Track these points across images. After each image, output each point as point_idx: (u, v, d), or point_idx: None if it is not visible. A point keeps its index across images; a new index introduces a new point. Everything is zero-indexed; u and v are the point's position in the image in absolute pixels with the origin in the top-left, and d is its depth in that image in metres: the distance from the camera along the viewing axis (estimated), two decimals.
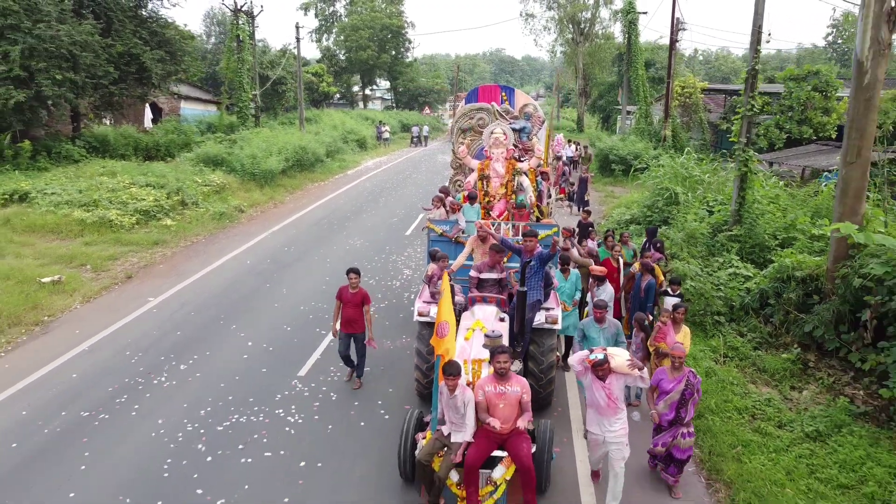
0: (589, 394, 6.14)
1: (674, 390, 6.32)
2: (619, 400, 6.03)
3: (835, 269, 9.05)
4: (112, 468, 6.79)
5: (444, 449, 5.98)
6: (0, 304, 10.82)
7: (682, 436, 6.37)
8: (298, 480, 6.61)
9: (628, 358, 6.03)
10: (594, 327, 7.37)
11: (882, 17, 8.13)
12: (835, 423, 7.45)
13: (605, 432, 6.05)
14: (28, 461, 6.92)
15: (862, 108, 8.58)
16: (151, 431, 7.49)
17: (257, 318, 11.11)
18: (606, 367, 5.93)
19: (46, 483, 6.54)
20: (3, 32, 20.29)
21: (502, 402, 5.92)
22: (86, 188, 17.56)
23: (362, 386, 8.68)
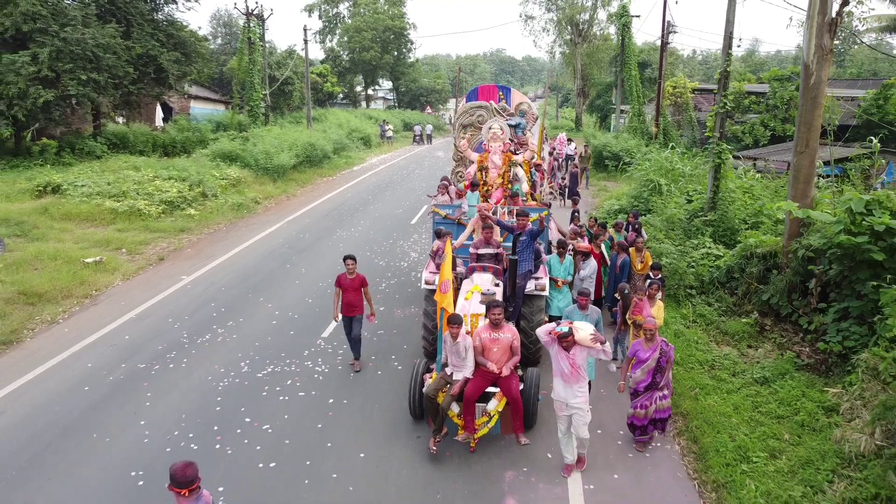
0: (555, 363, 6.67)
1: (650, 359, 7.09)
2: (581, 369, 6.58)
3: (788, 245, 10.38)
4: (172, 404, 8.15)
5: (448, 386, 7.30)
6: (53, 280, 12.19)
7: (659, 398, 7.22)
8: (328, 413, 7.97)
9: (592, 332, 6.53)
10: (578, 313, 7.98)
11: (824, 28, 9.46)
12: (780, 371, 8.78)
13: (569, 398, 6.60)
14: (102, 400, 8.28)
15: (809, 105, 9.92)
16: (201, 378, 8.86)
17: (281, 292, 12.47)
18: (570, 339, 6.44)
19: (119, 415, 7.90)
20: (32, 36, 21.61)
21: (496, 347, 7.22)
22: (114, 181, 18.93)
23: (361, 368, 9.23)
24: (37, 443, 7.29)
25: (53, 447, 7.21)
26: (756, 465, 6.86)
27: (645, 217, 15.02)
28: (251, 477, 6.67)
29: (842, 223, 8.71)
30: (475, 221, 10.11)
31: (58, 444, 7.26)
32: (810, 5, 9.48)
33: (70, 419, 7.80)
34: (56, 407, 8.10)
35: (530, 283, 9.13)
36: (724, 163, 13.65)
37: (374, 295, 12.27)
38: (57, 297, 11.73)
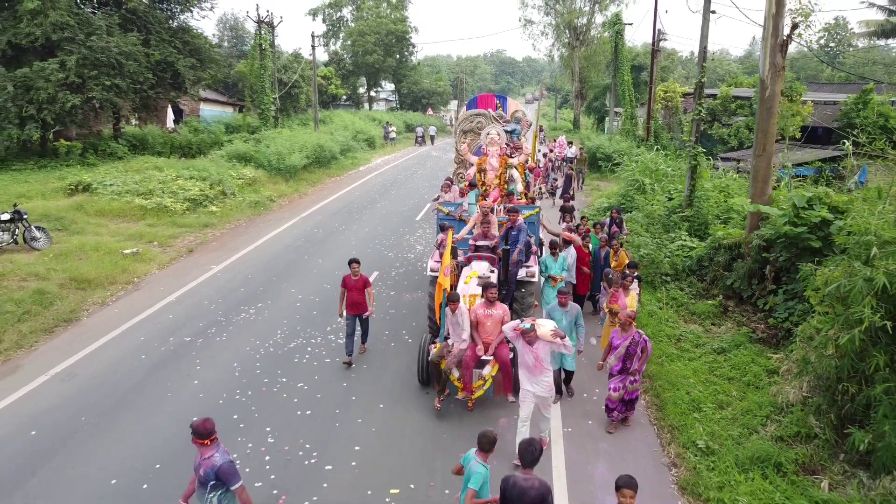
0: (520, 356, 7.28)
1: (621, 346, 7.89)
2: (544, 362, 7.18)
3: (748, 237, 11.87)
4: (219, 368, 9.65)
5: (449, 353, 8.73)
6: (98, 269, 13.68)
7: (630, 382, 8.00)
8: (351, 374, 9.46)
9: (552, 328, 7.17)
10: (559, 311, 8.56)
11: (777, 48, 10.94)
12: (736, 343, 10.26)
13: (534, 387, 7.21)
14: (158, 365, 9.78)
15: (765, 114, 11.41)
16: (240, 348, 10.35)
17: (302, 279, 13.97)
18: (533, 335, 7.06)
19: (175, 376, 9.40)
20: (60, 44, 23.08)
21: (489, 321, 8.61)
22: (140, 180, 20.42)
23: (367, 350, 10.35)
24: (111, 397, 8.79)
25: (125, 400, 8.71)
26: (706, 413, 8.35)
27: (630, 214, 16.50)
28: (293, 421, 8.17)
29: (787, 216, 10.20)
30: (475, 218, 11.57)
31: (128, 398, 8.76)
32: (765, 28, 10.96)
33: (135, 379, 9.30)
34: (121, 370, 9.60)
35: (522, 271, 10.57)
36: (699, 164, 15.12)
37: (384, 281, 13.86)
38: (104, 283, 13.22)
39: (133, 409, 8.50)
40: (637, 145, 28.24)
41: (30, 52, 23.18)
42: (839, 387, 7.09)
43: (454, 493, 6.66)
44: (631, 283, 9.51)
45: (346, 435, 7.90)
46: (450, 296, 8.50)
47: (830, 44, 78.55)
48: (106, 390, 8.99)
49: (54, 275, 13.12)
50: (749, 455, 7.28)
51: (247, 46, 54.33)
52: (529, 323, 7.16)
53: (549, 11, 55.80)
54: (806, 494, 6.59)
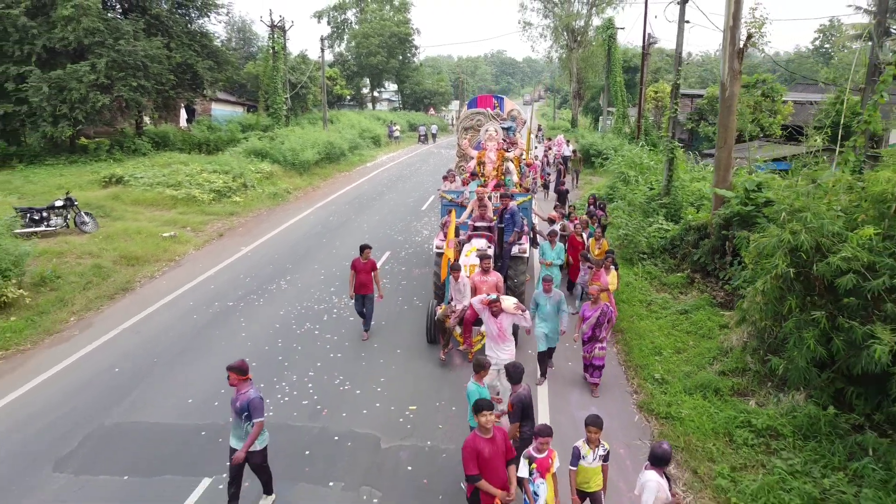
0: (486, 327, 8.18)
1: (591, 317, 9.02)
2: (507, 332, 8.10)
3: (713, 218, 13.69)
4: (261, 324, 11.50)
5: (452, 313, 10.48)
6: (143, 249, 15.52)
7: (598, 349, 9.17)
8: (372, 330, 11.30)
9: (514, 302, 8.19)
10: (543, 296, 9.35)
11: (734, 55, 12.76)
12: (697, 306, 12.08)
13: (497, 354, 7.99)
14: (209, 322, 11.63)
15: (725, 112, 13.24)
16: (277, 310, 12.20)
17: (323, 258, 15.82)
18: (497, 305, 8.02)
19: (225, 331, 11.25)
20: (91, 48, 24.90)
21: (485, 286, 10.30)
22: (168, 173, 22.26)
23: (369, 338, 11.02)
24: (175, 346, 10.65)
25: (187, 348, 10.56)
26: (664, 356, 10.19)
27: (615, 203, 18.34)
28: (327, 361, 10.02)
29: (739, 198, 12.04)
30: (474, 203, 13.36)
31: (190, 346, 10.62)
32: (724, 38, 12.78)
33: (191, 333, 11.16)
34: (178, 327, 11.45)
35: (514, 248, 12.33)
36: (675, 157, 16.95)
37: (396, 259, 15.70)
38: (149, 260, 15.07)
39: (195, 353, 10.35)
40: (628, 142, 30.06)
41: (62, 55, 24.99)
42: (764, 325, 8.92)
43: (458, 411, 8.51)
44: (611, 264, 10.91)
45: (371, 371, 9.76)
46: (452, 266, 10.27)
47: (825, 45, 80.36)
48: (169, 342, 10.84)
49: (106, 253, 14.96)
50: (694, 384, 9.13)
51: (254, 48, 56.27)
52: (495, 294, 8.31)
53: (547, 14, 57.67)
54: (735, 409, 8.43)
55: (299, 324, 11.58)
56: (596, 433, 5.94)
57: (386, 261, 15.55)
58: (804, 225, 7.93)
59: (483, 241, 11.97)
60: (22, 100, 24.06)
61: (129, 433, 8.05)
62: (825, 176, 9.42)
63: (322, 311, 12.17)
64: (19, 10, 23.50)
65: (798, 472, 6.99)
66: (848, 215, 8.30)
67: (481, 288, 9.80)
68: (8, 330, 10.88)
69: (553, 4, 55.98)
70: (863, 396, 7.76)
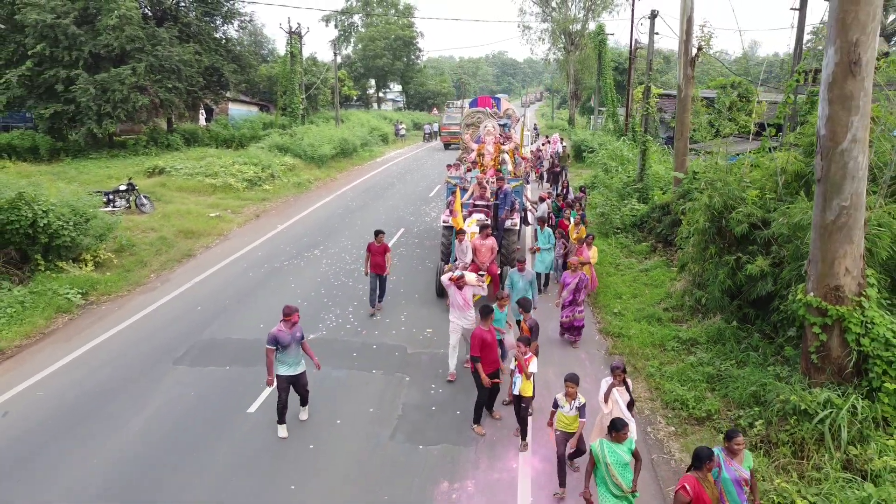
0: (452, 298, 9.61)
1: (571, 283, 10.90)
2: (469, 301, 9.53)
3: (672, 195, 16.57)
4: (306, 279, 14.42)
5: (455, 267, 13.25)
6: (196, 225, 18.44)
7: (577, 312, 11.01)
8: (393, 284, 14.20)
9: (476, 278, 9.78)
10: (517, 275, 10.65)
11: (688, 63, 15.65)
12: (655, 266, 14.97)
13: (462, 321, 9.53)
14: (263, 278, 14.55)
15: (681, 109, 16.15)
16: (317, 270, 15.12)
17: (349, 233, 18.74)
18: (463, 280, 9.54)
19: (277, 283, 14.16)
20: (132, 53, 27.82)
21: (483, 248, 13.07)
22: (204, 165, 25.17)
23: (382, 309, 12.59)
24: (240, 293, 13.56)
25: (250, 295, 13.48)
26: (623, 299, 13.09)
27: (596, 189, 21.24)
28: (361, 303, 12.92)
29: (688, 178, 14.93)
30: (474, 186, 16.16)
31: (252, 293, 13.53)
32: (679, 49, 15.67)
33: (250, 285, 14.07)
34: (238, 282, 14.36)
35: (507, 222, 15.01)
36: (647, 149, 19.85)
37: (409, 234, 18.58)
38: (203, 234, 18.00)
39: (257, 297, 13.27)
40: (616, 139, 32.94)
41: (105, 60, 27.90)
42: (695, 270, 11.81)
43: None
44: (592, 240, 13.06)
45: (395, 307, 12.69)
46: (459, 231, 13.12)
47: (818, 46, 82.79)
48: (234, 290, 13.75)
49: (165, 229, 17.86)
50: (642, 315, 12.04)
51: (265, 51, 59.23)
52: (460, 271, 10.01)
53: (545, 18, 60.54)
54: (670, 329, 11.31)
55: (336, 278, 14.51)
56: (572, 388, 7.05)
57: (401, 235, 18.48)
58: (717, 190, 10.83)
59: (482, 215, 14.67)
60: (70, 100, 26.99)
61: (222, 343, 10.98)
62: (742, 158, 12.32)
63: (353, 270, 15.09)
64: (69, 20, 26.41)
65: (704, 363, 9.87)
66: (753, 184, 11.19)
67: (480, 248, 12.24)
68: (107, 282, 13.80)
69: (551, 9, 58.71)
70: (759, 316, 10.65)
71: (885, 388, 7.30)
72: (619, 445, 6.04)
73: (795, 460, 7.26)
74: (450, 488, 7.25)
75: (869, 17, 6.81)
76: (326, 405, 8.99)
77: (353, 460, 7.77)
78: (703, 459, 5.47)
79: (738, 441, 5.76)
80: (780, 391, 7.90)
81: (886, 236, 8.12)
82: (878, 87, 10.02)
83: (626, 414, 6.89)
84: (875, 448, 6.95)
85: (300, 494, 7.10)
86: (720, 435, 8.07)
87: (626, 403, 7.05)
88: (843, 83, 6.98)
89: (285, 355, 8.02)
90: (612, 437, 6.04)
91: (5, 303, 11.86)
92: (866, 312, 7.52)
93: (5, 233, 12.73)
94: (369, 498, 7.06)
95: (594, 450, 6.08)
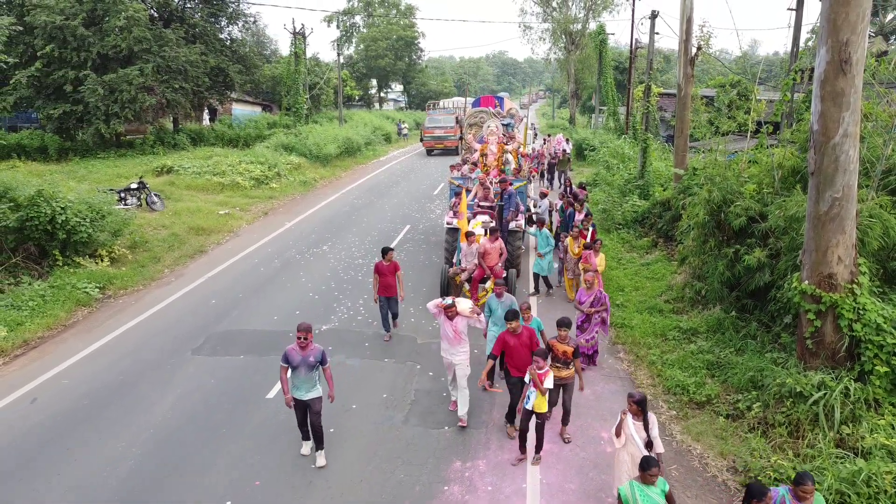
0: (442, 329, 8.26)
1: (587, 301, 9.94)
2: (462, 334, 8.16)
3: (673, 191, 16.94)
4: (316, 273, 14.80)
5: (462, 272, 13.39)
6: (206, 222, 18.83)
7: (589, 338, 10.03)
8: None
9: (470, 306, 8.34)
10: (495, 301, 9.22)
11: (687, 63, 16.02)
12: (656, 261, 15.34)
13: (452, 356, 8.27)
14: (275, 272, 14.93)
15: (681, 108, 16.52)
16: (326, 264, 15.51)
17: (356, 230, 19.12)
18: (453, 310, 8.07)
19: (288, 277, 14.54)
20: (139, 54, 28.19)
21: (492, 251, 13.19)
22: (212, 164, 25.55)
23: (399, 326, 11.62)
24: (254, 284, 13.95)
25: (264, 287, 13.86)
26: (625, 292, 13.45)
27: (597, 186, 21.61)
28: (370, 295, 13.23)
29: (688, 175, 15.30)
30: (477, 187, 16.36)
31: (266, 285, 13.92)
32: (679, 49, 16.04)
33: (263, 279, 14.46)
34: (251, 275, 14.75)
35: (511, 224, 14.26)
36: (649, 146, 20.22)
37: (415, 231, 18.96)
38: (214, 231, 18.39)
39: (269, 291, 13.65)
40: (617, 137, 33.32)
41: (113, 61, 28.28)
42: (695, 263, 12.19)
43: None
44: (600, 246, 12.53)
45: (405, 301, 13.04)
46: (466, 233, 12.43)
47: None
48: (247, 284, 14.14)
49: (176, 226, 18.25)
50: (644, 307, 12.41)
51: (268, 51, 59.58)
52: (451, 299, 8.24)
53: (546, 18, 60.92)
54: (671, 320, 11.68)
55: (345, 272, 14.90)
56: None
57: (407, 232, 18.86)
58: (716, 185, 11.21)
59: (486, 216, 14.02)
60: (78, 100, 27.38)
61: (238, 335, 11.37)
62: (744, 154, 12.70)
63: (361, 265, 15.48)
64: (78, 21, 26.79)
65: (704, 351, 10.25)
66: (751, 180, 11.56)
67: (489, 251, 11.98)
68: (123, 276, 14.18)
69: (552, 9, 59.07)
70: (757, 306, 11.01)
71: (876, 371, 7.67)
72: (650, 487, 5.52)
73: (791, 440, 7.64)
74: (462, 467, 7.62)
75: (859, 18, 7.18)
76: (342, 391, 9.34)
77: (369, 442, 8.15)
78: (753, 496, 5.20)
79: (807, 489, 5.27)
80: (776, 375, 8.28)
81: (877, 227, 8.49)
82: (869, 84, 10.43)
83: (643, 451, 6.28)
84: (866, 427, 7.32)
85: (321, 473, 7.48)
86: (720, 418, 8.48)
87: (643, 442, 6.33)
88: (835, 81, 7.36)
89: (295, 377, 7.35)
90: (641, 477, 5.55)
91: (27, 296, 12.25)
92: (858, 299, 7.89)
93: (25, 229, 13.13)
94: (386, 476, 7.44)
95: (623, 494, 5.61)
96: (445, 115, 39.30)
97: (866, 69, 9.21)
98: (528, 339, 7.77)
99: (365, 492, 7.18)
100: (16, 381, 9.71)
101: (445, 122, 38.67)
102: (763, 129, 13.16)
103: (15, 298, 12.09)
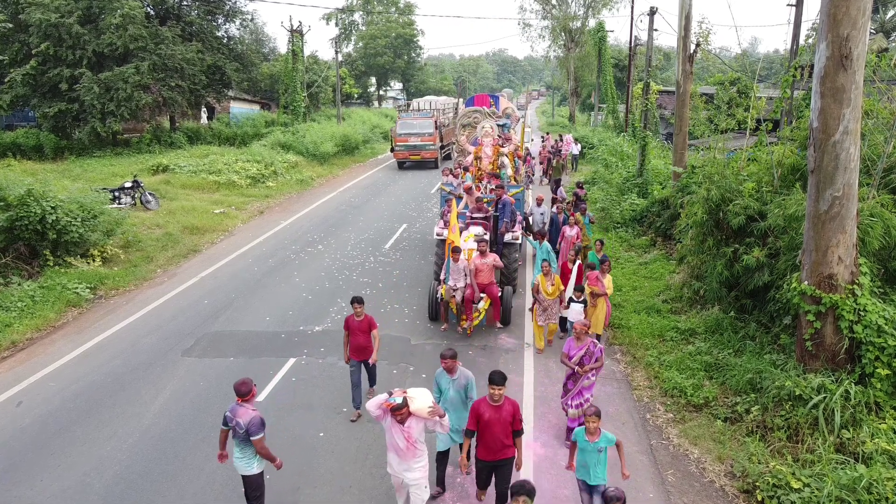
0: (388, 436, 6.03)
1: (576, 356, 7.67)
2: (418, 442, 5.98)
3: (672, 190, 16.77)
4: (310, 272, 14.64)
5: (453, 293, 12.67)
6: (201, 221, 18.67)
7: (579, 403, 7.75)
8: (392, 278, 14.42)
9: (431, 403, 5.98)
10: (445, 377, 6.94)
11: (686, 60, 15.84)
12: (654, 260, 15.18)
13: (404, 473, 6.06)
14: (268, 271, 14.78)
15: (680, 105, 16.33)
16: (321, 263, 15.35)
17: (352, 228, 18.96)
18: (405, 412, 5.80)
19: (282, 276, 14.38)
20: (135, 52, 28.00)
21: (484, 268, 12.48)
22: (208, 162, 25.39)
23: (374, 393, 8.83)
24: (248, 283, 13.78)
25: (258, 285, 13.70)
26: (623, 292, 13.28)
27: (596, 184, 21.45)
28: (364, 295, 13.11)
29: (686, 173, 15.13)
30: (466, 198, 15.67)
31: (260, 284, 13.75)
32: (678, 46, 15.86)
33: (256, 278, 14.29)
34: (244, 274, 14.59)
35: (507, 235, 12.85)
36: (648, 144, 20.05)
37: (412, 230, 18.79)
38: (208, 230, 18.22)
39: (262, 291, 13.49)
40: (616, 135, 33.15)
41: (109, 59, 28.11)
42: (693, 262, 12.02)
43: None
44: (609, 268, 10.53)
45: (399, 301, 12.91)
46: (453, 249, 10.92)
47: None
48: (240, 283, 13.98)
49: (171, 225, 18.09)
50: (642, 307, 12.24)
51: (266, 49, 59.37)
52: (401, 397, 5.88)
53: (546, 16, 60.69)
54: (668, 321, 11.52)
55: (340, 271, 14.74)
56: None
57: (403, 231, 18.69)
58: (714, 183, 11.03)
59: (479, 228, 12.54)
60: (74, 99, 27.22)
61: (229, 336, 11.20)
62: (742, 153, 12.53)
63: (356, 265, 15.32)
64: (73, 19, 26.61)
65: (702, 352, 10.08)
66: (750, 178, 11.39)
67: (481, 269, 10.99)
68: (115, 276, 14.03)
69: (551, 6, 58.84)
70: (756, 307, 10.85)
71: (877, 374, 7.51)
72: None
73: (790, 444, 7.48)
74: (454, 472, 7.46)
75: (859, 13, 7.01)
76: (335, 393, 9.22)
77: (361, 443, 7.99)
78: None
79: None
80: (775, 378, 8.12)
81: (879, 226, 8.32)
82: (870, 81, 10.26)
83: None
84: (867, 431, 7.16)
85: (310, 477, 7.32)
86: (718, 421, 8.32)
87: None
88: (835, 77, 7.19)
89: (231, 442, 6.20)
90: None
91: (16, 297, 12.09)
92: (859, 300, 7.72)
93: (15, 229, 12.97)
94: (379, 475, 7.28)
95: None
96: (422, 120, 32.21)
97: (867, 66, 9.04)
98: (509, 416, 6.06)
99: (356, 495, 7.03)
100: (2, 383, 9.55)
101: (422, 128, 31.78)
102: (762, 126, 12.95)
103: (4, 299, 11.93)
